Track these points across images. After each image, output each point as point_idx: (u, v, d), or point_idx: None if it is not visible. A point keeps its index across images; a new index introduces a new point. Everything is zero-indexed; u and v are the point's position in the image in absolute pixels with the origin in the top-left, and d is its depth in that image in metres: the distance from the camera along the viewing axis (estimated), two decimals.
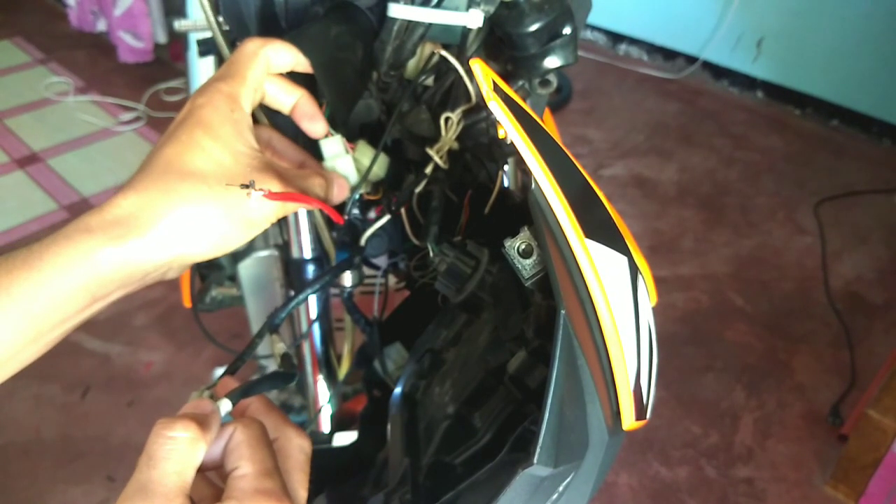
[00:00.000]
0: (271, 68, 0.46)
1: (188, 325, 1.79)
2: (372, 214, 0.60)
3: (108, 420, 1.61)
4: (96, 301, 0.38)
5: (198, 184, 0.39)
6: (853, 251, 2.12)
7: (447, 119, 0.54)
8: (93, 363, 1.73)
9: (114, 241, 0.37)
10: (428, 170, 0.56)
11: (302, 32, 0.49)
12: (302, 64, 0.48)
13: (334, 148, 0.53)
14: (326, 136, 0.52)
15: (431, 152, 0.56)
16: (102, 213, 0.38)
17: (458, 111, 0.54)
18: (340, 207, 0.55)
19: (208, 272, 1.04)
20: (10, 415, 1.61)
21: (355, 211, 0.58)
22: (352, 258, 0.57)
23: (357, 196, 0.57)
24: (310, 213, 0.66)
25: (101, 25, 2.99)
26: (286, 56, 0.47)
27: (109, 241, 0.37)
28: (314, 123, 0.49)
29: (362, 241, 0.58)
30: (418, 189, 0.57)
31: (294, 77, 0.48)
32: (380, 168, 0.57)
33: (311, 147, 0.52)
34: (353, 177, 0.55)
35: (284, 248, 0.84)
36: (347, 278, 0.64)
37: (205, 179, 0.40)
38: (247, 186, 0.39)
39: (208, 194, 0.39)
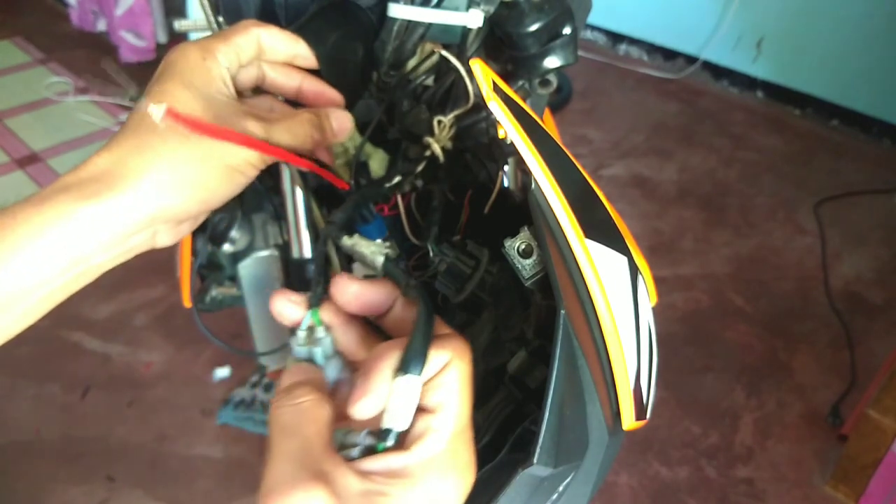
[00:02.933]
0: (265, 53, 0.46)
1: (188, 325, 1.79)
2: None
3: (108, 420, 1.61)
4: (76, 264, 0.38)
5: (169, 134, 0.39)
6: (853, 251, 2.12)
7: (440, 122, 0.55)
8: (93, 363, 1.73)
9: (90, 199, 0.37)
10: (427, 153, 0.56)
11: (304, 26, 0.49)
12: (302, 57, 0.48)
13: None
14: None
15: (430, 140, 0.56)
16: (78, 172, 0.38)
17: (451, 115, 0.54)
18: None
19: (208, 272, 1.04)
20: (10, 415, 1.61)
21: (362, 180, 0.58)
22: (381, 187, 0.57)
23: (362, 158, 0.56)
24: (309, 212, 0.66)
25: (102, 25, 2.99)
26: (283, 44, 0.46)
27: (85, 198, 0.37)
28: (328, 97, 0.49)
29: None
30: (419, 168, 0.57)
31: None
32: (379, 167, 0.57)
33: None
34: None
35: (284, 248, 0.84)
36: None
37: (175, 129, 0.39)
38: (135, 99, 0.39)
39: (180, 144, 0.39)
